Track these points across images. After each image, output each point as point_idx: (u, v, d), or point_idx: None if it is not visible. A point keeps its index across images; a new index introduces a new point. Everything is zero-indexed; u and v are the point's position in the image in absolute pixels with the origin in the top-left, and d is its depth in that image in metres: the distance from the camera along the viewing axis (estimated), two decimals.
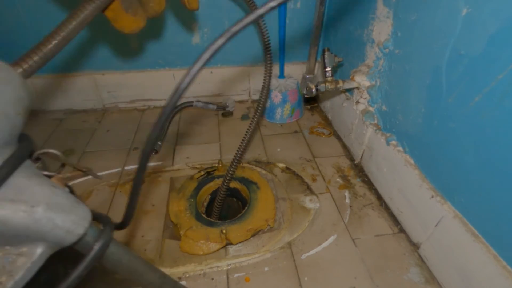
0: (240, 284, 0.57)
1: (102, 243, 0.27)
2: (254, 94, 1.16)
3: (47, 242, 0.24)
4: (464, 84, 0.47)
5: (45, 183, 0.24)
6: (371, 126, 0.76)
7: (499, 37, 0.41)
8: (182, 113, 1.08)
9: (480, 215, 0.47)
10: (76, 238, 0.25)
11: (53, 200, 0.23)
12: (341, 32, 0.90)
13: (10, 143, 0.23)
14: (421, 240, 0.60)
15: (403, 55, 0.62)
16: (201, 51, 0.23)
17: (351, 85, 0.78)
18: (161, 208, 0.72)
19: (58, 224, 0.23)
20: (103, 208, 0.71)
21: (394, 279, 0.57)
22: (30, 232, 0.22)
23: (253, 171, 0.80)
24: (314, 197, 0.74)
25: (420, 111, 0.58)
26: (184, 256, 0.61)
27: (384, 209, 0.71)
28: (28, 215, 0.22)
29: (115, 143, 0.93)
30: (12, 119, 0.22)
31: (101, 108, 1.10)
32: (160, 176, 0.81)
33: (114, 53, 0.99)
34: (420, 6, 0.55)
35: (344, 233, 0.66)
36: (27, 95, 0.24)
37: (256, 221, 0.66)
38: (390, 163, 0.68)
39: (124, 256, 0.32)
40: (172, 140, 0.95)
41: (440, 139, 0.54)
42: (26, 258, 0.23)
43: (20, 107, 0.23)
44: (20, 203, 0.22)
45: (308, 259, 0.61)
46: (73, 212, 0.24)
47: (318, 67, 1.07)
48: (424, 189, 0.58)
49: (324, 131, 0.99)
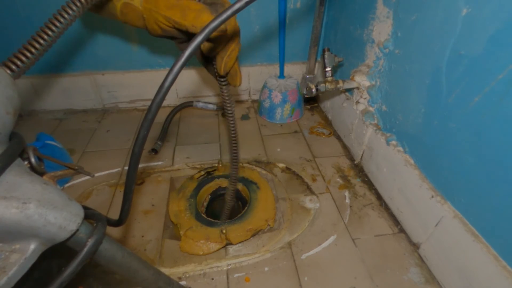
0: (240, 284, 0.57)
1: (95, 239, 0.28)
2: (254, 94, 1.16)
3: (39, 238, 0.24)
4: (464, 84, 0.47)
5: (37, 181, 0.24)
6: (371, 126, 0.76)
7: (499, 37, 0.41)
8: (182, 113, 1.08)
9: (480, 215, 0.47)
10: (69, 234, 0.25)
11: (45, 196, 0.24)
12: (341, 32, 0.90)
13: (1, 141, 0.23)
14: (421, 240, 0.60)
15: (403, 55, 0.62)
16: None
17: (351, 85, 0.78)
18: (161, 208, 0.72)
19: (50, 220, 0.23)
20: (103, 208, 0.71)
21: (394, 279, 0.57)
22: (23, 229, 0.23)
23: (253, 171, 0.80)
24: (314, 197, 0.74)
25: (420, 111, 0.58)
26: (184, 256, 0.61)
27: (384, 209, 0.71)
28: (20, 212, 0.22)
29: (115, 143, 0.93)
30: (2, 118, 0.23)
31: (101, 108, 1.10)
32: (160, 176, 0.81)
33: (114, 53, 0.99)
34: (420, 6, 0.55)
35: (344, 233, 0.66)
36: (17, 95, 0.24)
37: (256, 221, 0.66)
38: (390, 163, 0.68)
39: (117, 253, 0.32)
40: (172, 140, 0.95)
41: (440, 139, 0.54)
42: (19, 254, 0.23)
43: (10, 107, 0.23)
44: (12, 199, 0.22)
45: (308, 259, 0.61)
46: (65, 209, 0.25)
47: (318, 67, 1.07)
48: (424, 189, 0.58)
49: (324, 131, 0.99)
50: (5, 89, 0.23)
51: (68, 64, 1.00)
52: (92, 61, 1.00)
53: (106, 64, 1.01)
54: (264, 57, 1.07)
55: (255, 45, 1.04)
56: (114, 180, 0.79)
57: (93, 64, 1.01)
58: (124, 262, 0.33)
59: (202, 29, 0.26)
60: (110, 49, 0.99)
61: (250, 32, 1.01)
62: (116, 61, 1.01)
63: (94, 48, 0.98)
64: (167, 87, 0.26)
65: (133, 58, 1.01)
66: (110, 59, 1.00)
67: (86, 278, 0.56)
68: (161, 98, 0.26)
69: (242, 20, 0.95)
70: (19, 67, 0.24)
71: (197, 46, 0.26)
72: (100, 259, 0.30)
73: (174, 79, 0.26)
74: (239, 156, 0.54)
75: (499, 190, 0.43)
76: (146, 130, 0.27)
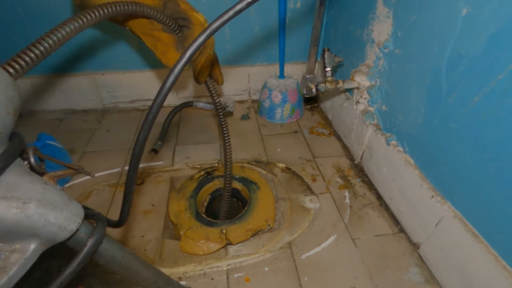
0: (240, 284, 0.57)
1: (95, 239, 0.28)
2: (254, 94, 1.16)
3: (40, 238, 0.24)
4: (464, 84, 0.47)
5: (37, 181, 0.24)
6: (371, 126, 0.76)
7: (499, 37, 0.41)
8: (182, 113, 1.08)
9: (480, 215, 0.47)
10: (69, 234, 0.25)
11: (45, 196, 0.24)
12: (341, 32, 0.90)
13: (1, 141, 0.23)
14: (421, 240, 0.60)
15: (403, 55, 0.62)
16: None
17: (351, 85, 0.78)
18: (161, 208, 0.72)
19: (50, 220, 0.23)
20: (103, 208, 0.71)
21: (394, 279, 0.57)
22: (23, 229, 0.23)
23: (253, 171, 0.80)
24: (314, 197, 0.74)
25: (420, 111, 0.58)
26: (184, 256, 0.61)
27: (384, 209, 0.71)
28: (20, 212, 0.22)
29: (115, 143, 0.93)
30: (3, 118, 0.23)
31: (101, 108, 1.10)
32: (160, 176, 0.81)
33: (114, 53, 0.99)
34: (420, 6, 0.55)
35: (344, 233, 0.66)
36: (17, 95, 0.24)
37: (256, 221, 0.66)
38: (390, 163, 0.68)
39: (117, 253, 0.32)
40: (172, 140, 0.95)
41: (440, 139, 0.54)
42: (19, 254, 0.24)
43: (10, 107, 0.23)
44: (12, 199, 0.22)
45: (308, 259, 0.61)
46: (65, 209, 0.25)
47: (318, 67, 1.07)
48: (424, 189, 0.58)
49: (324, 131, 0.99)
50: (5, 89, 0.23)
51: (68, 64, 1.00)
52: (92, 61, 1.00)
53: (106, 64, 1.01)
54: (264, 57, 1.07)
55: (255, 45, 1.04)
56: (114, 180, 0.79)
57: (93, 64, 1.01)
58: (124, 262, 0.33)
59: (203, 30, 0.26)
60: (110, 49, 0.99)
61: (250, 32, 1.01)
62: (116, 61, 1.01)
63: (94, 48, 0.98)
64: (168, 88, 0.26)
65: (133, 58, 1.01)
66: (110, 59, 1.00)
67: (86, 278, 0.56)
68: (162, 98, 0.26)
69: (242, 20, 0.95)
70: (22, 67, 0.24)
71: (198, 47, 0.26)
72: (100, 259, 0.30)
73: (175, 79, 0.26)
74: (231, 151, 0.55)
75: (499, 190, 0.43)
76: (146, 131, 0.27)
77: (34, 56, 0.24)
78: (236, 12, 0.26)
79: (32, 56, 0.24)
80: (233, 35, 1.00)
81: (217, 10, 0.37)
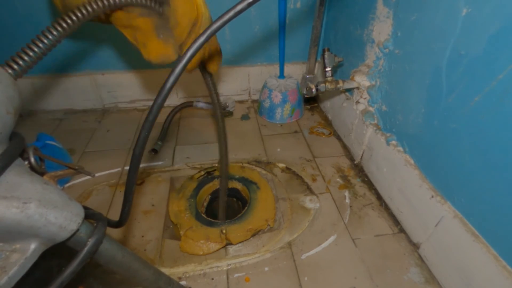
0: (240, 284, 0.57)
1: (95, 239, 0.28)
2: (254, 94, 1.16)
3: (40, 238, 0.24)
4: (464, 84, 0.47)
5: (37, 180, 0.25)
6: (371, 126, 0.76)
7: (499, 37, 0.41)
8: (182, 113, 1.08)
9: (480, 215, 0.47)
10: (69, 234, 0.25)
11: (45, 196, 0.24)
12: (341, 32, 0.90)
13: (1, 141, 0.23)
14: (421, 240, 0.60)
15: (403, 55, 0.62)
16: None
17: (351, 85, 0.78)
18: (161, 208, 0.72)
19: (50, 220, 0.24)
20: (103, 208, 0.71)
21: (394, 279, 0.57)
22: (23, 228, 0.23)
23: (253, 171, 0.80)
24: (314, 197, 0.74)
25: (420, 111, 0.58)
26: (184, 256, 0.61)
27: (384, 209, 0.71)
28: (20, 211, 0.22)
29: (115, 143, 0.93)
30: (3, 117, 0.23)
31: (101, 108, 1.10)
32: (160, 176, 0.81)
33: (114, 53, 0.99)
34: (420, 6, 0.55)
35: (344, 233, 0.66)
36: (17, 95, 0.24)
37: (256, 221, 0.66)
38: (390, 163, 0.68)
39: (118, 252, 0.32)
40: (172, 140, 0.95)
41: (440, 139, 0.54)
42: (20, 254, 0.24)
43: (10, 107, 0.23)
44: (12, 199, 0.22)
45: (308, 259, 0.61)
46: (65, 209, 0.25)
47: (318, 67, 1.07)
48: (424, 189, 0.58)
49: (324, 131, 0.99)
50: (5, 89, 0.23)
51: (68, 64, 1.00)
52: (92, 61, 1.00)
53: (106, 64, 1.01)
54: (264, 57, 1.07)
55: (255, 45, 1.04)
56: (114, 180, 0.79)
57: (93, 64, 1.01)
58: (124, 262, 0.33)
59: (204, 31, 0.26)
60: (110, 49, 0.99)
61: (250, 32, 1.01)
62: (116, 61, 1.01)
63: (94, 48, 0.98)
64: (169, 88, 0.26)
65: (133, 58, 1.01)
66: (110, 59, 1.00)
67: (86, 278, 0.56)
68: (163, 99, 0.26)
69: (242, 20, 0.95)
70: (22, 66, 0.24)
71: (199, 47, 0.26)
72: (100, 259, 0.30)
73: (175, 80, 0.26)
74: (227, 148, 0.55)
75: (499, 190, 0.43)
76: (147, 131, 0.27)
77: (33, 55, 0.24)
78: (237, 13, 0.26)
79: (31, 54, 0.24)
80: (233, 35, 1.00)
81: (218, 10, 0.36)
